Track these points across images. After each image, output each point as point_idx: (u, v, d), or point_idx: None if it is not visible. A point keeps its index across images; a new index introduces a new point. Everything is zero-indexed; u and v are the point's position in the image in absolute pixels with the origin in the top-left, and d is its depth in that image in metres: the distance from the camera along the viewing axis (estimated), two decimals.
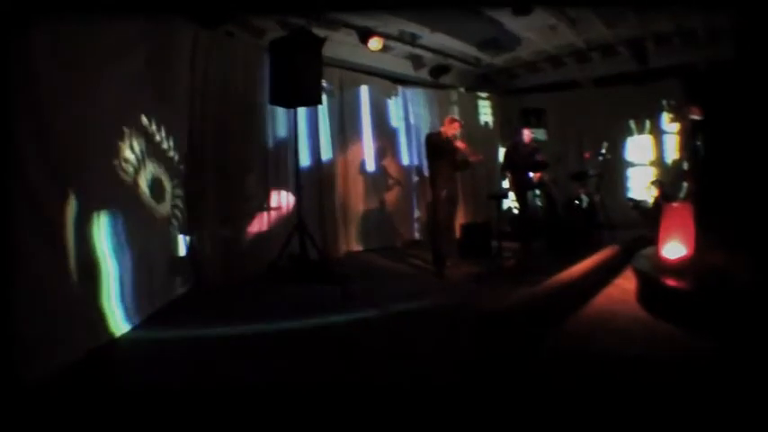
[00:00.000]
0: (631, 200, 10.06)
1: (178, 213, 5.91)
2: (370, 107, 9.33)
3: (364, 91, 9.26)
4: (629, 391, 3.02)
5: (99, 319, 4.14)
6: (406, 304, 5.40)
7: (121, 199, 4.62)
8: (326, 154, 8.38)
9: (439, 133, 6.85)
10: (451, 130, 6.77)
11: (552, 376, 3.33)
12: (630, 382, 3.15)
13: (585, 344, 3.98)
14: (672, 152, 10.25)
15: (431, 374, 3.44)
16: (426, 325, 4.66)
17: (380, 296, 5.76)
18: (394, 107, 9.83)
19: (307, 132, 7.91)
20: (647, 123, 10.51)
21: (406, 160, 9.97)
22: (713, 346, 3.68)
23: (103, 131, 4.37)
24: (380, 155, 9.44)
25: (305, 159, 7.62)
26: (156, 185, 5.28)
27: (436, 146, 6.73)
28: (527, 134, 8.53)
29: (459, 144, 6.76)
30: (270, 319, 4.96)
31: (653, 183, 9.52)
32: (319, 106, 7.50)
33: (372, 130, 9.35)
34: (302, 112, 7.08)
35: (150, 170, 5.18)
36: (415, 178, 9.95)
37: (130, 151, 4.81)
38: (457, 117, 7.35)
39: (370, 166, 9.30)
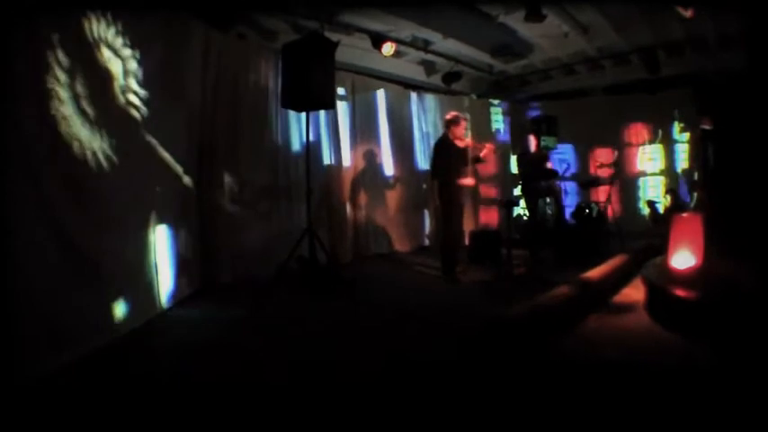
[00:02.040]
0: (650, 201, 10.03)
1: (187, 214, 5.95)
2: (381, 112, 9.36)
3: (376, 96, 9.29)
4: (634, 400, 3.01)
5: (101, 318, 4.16)
6: (414, 310, 5.41)
7: (128, 197, 4.63)
8: (337, 158, 8.41)
9: (445, 138, 6.83)
10: (460, 130, 6.78)
11: (558, 385, 3.32)
12: (636, 391, 3.14)
13: (593, 353, 3.97)
14: (682, 161, 10.22)
15: (437, 379, 3.44)
16: (433, 331, 4.65)
17: (388, 301, 5.77)
18: (405, 113, 9.84)
19: (318, 136, 7.96)
20: (659, 132, 10.48)
21: (416, 166, 9.98)
22: (721, 356, 3.66)
23: (113, 130, 4.39)
24: (391, 160, 9.47)
25: (316, 163, 7.65)
26: (163, 184, 5.32)
27: (445, 151, 6.73)
28: (533, 142, 8.53)
29: (468, 143, 6.79)
30: (274, 320, 5.02)
31: (668, 192, 9.52)
32: (331, 111, 7.54)
33: (383, 135, 9.39)
34: (314, 116, 7.10)
35: (157, 168, 5.21)
36: (425, 186, 9.95)
37: (139, 150, 4.84)
38: (457, 113, 7.09)
39: (381, 171, 9.32)
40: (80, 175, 3.98)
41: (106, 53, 4.31)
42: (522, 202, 8.73)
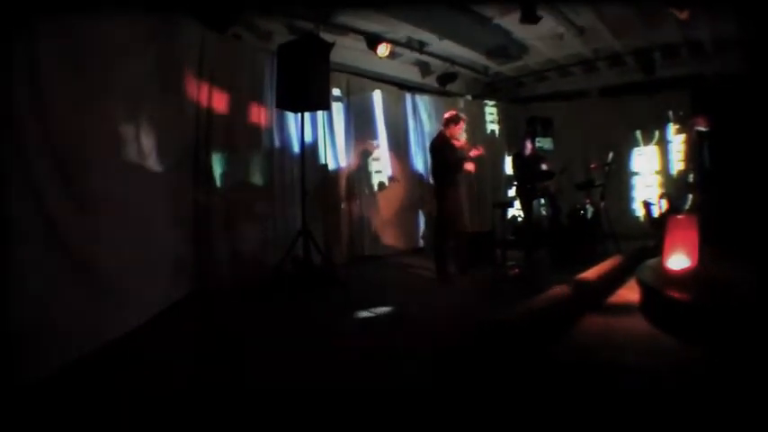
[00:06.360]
0: (645, 202, 10.04)
1: (182, 216, 5.92)
2: (377, 113, 9.35)
3: (371, 97, 9.28)
4: (629, 403, 3.01)
5: (98, 320, 4.12)
6: (408, 311, 5.40)
7: (124, 199, 4.59)
8: (332, 159, 8.39)
9: (441, 137, 6.83)
10: (458, 129, 6.79)
11: (552, 387, 3.31)
12: (631, 394, 3.13)
13: (586, 355, 3.96)
14: (677, 163, 10.24)
15: (429, 382, 3.44)
16: (427, 333, 4.64)
17: (382, 302, 5.76)
18: (401, 114, 9.83)
19: (313, 137, 7.94)
20: (654, 133, 10.49)
21: (412, 167, 9.98)
22: (716, 358, 3.66)
23: (109, 131, 4.37)
24: (386, 161, 9.45)
25: (311, 164, 7.63)
26: (159, 186, 5.29)
27: (440, 151, 6.72)
28: (528, 146, 8.50)
29: (463, 144, 6.80)
30: (271, 322, 5.01)
31: (662, 195, 9.53)
32: (326, 112, 7.53)
33: (378, 136, 9.37)
34: (308, 116, 7.09)
35: (154, 170, 5.19)
36: (418, 189, 9.94)
37: (135, 150, 4.82)
38: (457, 111, 7.11)
39: (376, 172, 9.31)
40: (78, 176, 3.95)
41: (104, 53, 4.29)
42: (517, 203, 8.72)
